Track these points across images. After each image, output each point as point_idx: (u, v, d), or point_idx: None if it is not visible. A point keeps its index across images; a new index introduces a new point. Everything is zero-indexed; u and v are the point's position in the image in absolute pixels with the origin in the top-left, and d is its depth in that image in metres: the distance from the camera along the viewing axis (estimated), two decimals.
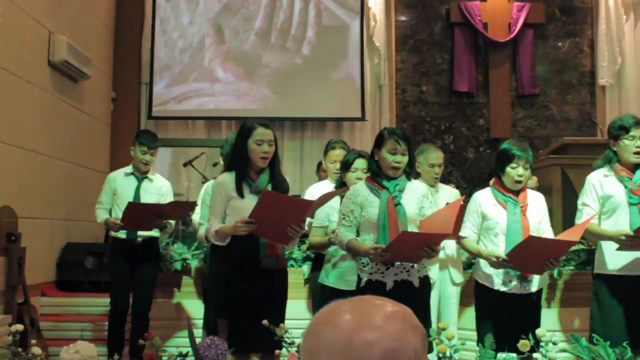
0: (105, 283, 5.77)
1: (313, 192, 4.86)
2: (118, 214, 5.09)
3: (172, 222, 5.28)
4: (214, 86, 8.60)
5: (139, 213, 4.91)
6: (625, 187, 3.95)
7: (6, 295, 5.00)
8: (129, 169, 5.32)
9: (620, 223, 3.90)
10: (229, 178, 3.81)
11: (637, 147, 3.94)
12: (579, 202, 4.14)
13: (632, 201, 3.92)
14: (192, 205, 5.17)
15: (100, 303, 5.78)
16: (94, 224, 5.59)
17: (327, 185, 4.87)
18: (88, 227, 6.78)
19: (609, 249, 3.98)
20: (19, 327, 3.54)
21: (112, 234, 5.21)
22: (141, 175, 5.27)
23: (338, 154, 4.82)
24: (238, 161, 3.82)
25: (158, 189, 5.33)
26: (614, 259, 3.97)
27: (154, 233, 5.21)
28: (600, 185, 4.02)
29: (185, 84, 8.58)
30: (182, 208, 5.27)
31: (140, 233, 5.14)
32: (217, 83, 8.60)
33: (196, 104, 8.56)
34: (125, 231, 5.10)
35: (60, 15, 6.52)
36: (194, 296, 5.65)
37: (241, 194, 3.75)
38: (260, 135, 3.77)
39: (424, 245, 3.48)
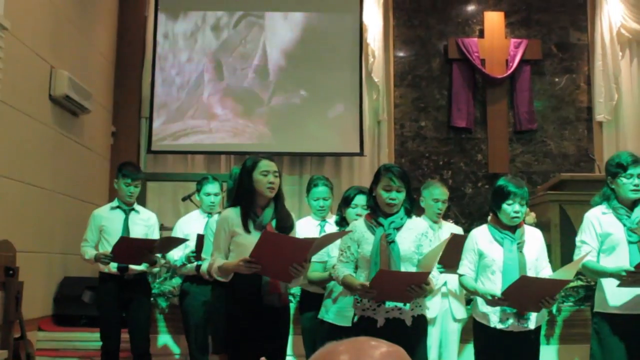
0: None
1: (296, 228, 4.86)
2: (107, 248, 5.07)
3: (159, 256, 5.25)
4: (212, 123, 8.65)
5: (130, 247, 4.90)
6: (624, 225, 3.96)
7: (3, 330, 4.96)
8: (114, 203, 5.30)
9: (620, 261, 3.89)
10: (233, 213, 3.80)
11: (635, 185, 3.96)
12: (577, 239, 4.14)
13: (631, 239, 3.92)
14: (182, 241, 5.16)
15: (98, 338, 5.74)
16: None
17: (308, 222, 4.90)
18: None
19: (609, 287, 3.95)
20: None
21: (101, 268, 5.15)
22: (127, 207, 5.26)
23: (321, 191, 4.84)
24: (243, 196, 3.81)
25: (146, 221, 5.33)
26: (615, 297, 3.95)
27: (143, 267, 5.18)
28: (599, 223, 4.02)
29: (182, 121, 8.62)
30: (172, 243, 5.24)
31: (130, 268, 5.10)
32: (214, 120, 8.65)
33: (193, 141, 8.61)
34: (115, 266, 5.05)
35: (62, 50, 6.59)
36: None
37: (246, 230, 3.74)
38: (266, 167, 3.77)
39: (408, 283, 3.48)
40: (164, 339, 5.61)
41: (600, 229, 4.02)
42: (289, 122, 8.66)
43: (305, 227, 4.78)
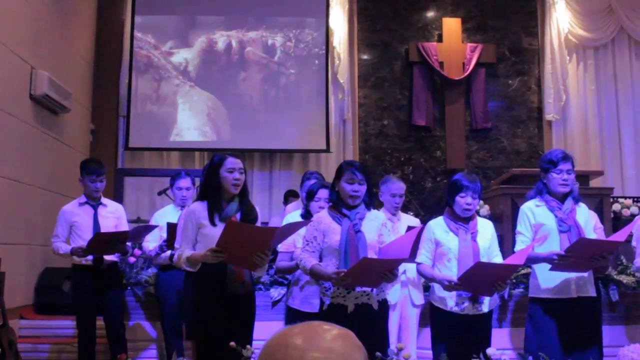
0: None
1: (289, 220, 4.84)
2: (79, 243, 5.02)
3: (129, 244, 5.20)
4: (186, 122, 8.61)
5: (105, 241, 4.86)
6: (555, 216, 4.04)
7: None
8: (81, 199, 5.21)
9: (553, 248, 3.98)
10: (200, 207, 3.78)
11: (564, 180, 4.04)
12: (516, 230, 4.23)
13: (562, 229, 4.01)
14: (152, 228, 5.13)
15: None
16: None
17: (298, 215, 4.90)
18: None
19: (541, 274, 4.06)
20: None
21: (75, 261, 5.08)
22: (95, 202, 5.20)
23: (313, 184, 4.86)
24: (210, 191, 3.80)
25: (114, 213, 5.27)
26: (546, 282, 4.05)
27: (114, 257, 5.14)
28: (533, 215, 4.11)
29: (159, 119, 8.57)
30: (143, 231, 5.20)
31: (104, 258, 5.06)
32: (189, 119, 8.61)
33: (169, 138, 8.56)
34: (91, 258, 5.01)
35: (42, 51, 6.50)
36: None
37: (212, 222, 3.72)
38: (232, 164, 3.76)
39: (383, 270, 3.51)
40: (141, 325, 5.57)
41: (534, 219, 4.10)
42: (260, 121, 8.65)
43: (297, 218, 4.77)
